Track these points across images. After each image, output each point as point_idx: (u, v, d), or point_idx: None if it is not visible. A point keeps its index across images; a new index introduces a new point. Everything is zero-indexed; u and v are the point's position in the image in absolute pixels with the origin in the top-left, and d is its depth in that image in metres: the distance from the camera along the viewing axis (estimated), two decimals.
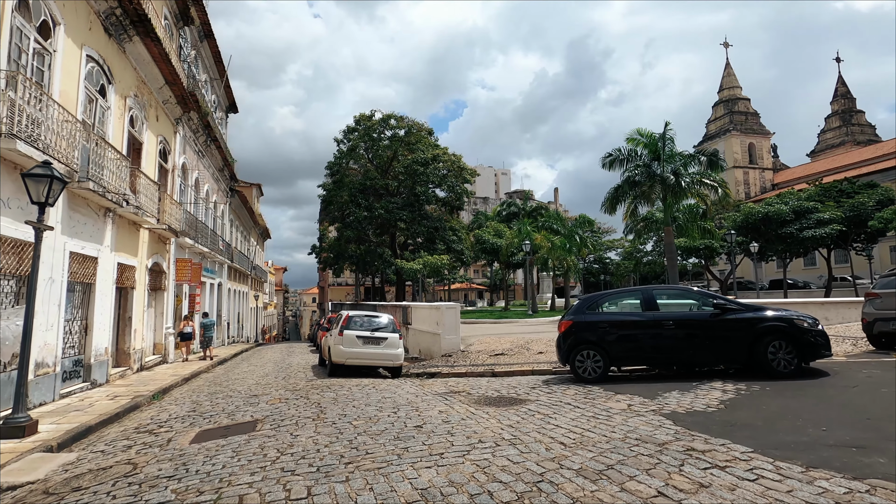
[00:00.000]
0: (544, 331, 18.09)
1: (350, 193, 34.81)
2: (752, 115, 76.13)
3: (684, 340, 7.66)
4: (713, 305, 7.66)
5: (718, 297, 7.97)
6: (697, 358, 7.78)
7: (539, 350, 12.56)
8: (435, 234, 36.64)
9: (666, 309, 8.04)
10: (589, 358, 8.07)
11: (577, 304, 8.57)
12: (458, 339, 13.59)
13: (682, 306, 8.32)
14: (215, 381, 11.80)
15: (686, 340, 7.65)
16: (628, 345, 7.91)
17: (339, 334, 11.12)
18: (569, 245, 29.81)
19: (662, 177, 20.45)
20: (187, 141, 19.08)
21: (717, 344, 7.56)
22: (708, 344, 7.58)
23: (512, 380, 9.48)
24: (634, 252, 65.42)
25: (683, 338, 7.65)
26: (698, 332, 7.63)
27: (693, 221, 24.67)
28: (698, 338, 7.63)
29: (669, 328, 7.67)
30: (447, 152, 37.83)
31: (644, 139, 21.73)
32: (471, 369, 11.12)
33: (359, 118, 37.15)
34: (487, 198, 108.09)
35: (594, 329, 8.10)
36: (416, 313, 16.36)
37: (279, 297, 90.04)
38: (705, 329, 7.58)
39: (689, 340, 7.64)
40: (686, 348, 7.66)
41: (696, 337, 7.63)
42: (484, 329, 19.86)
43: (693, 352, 7.66)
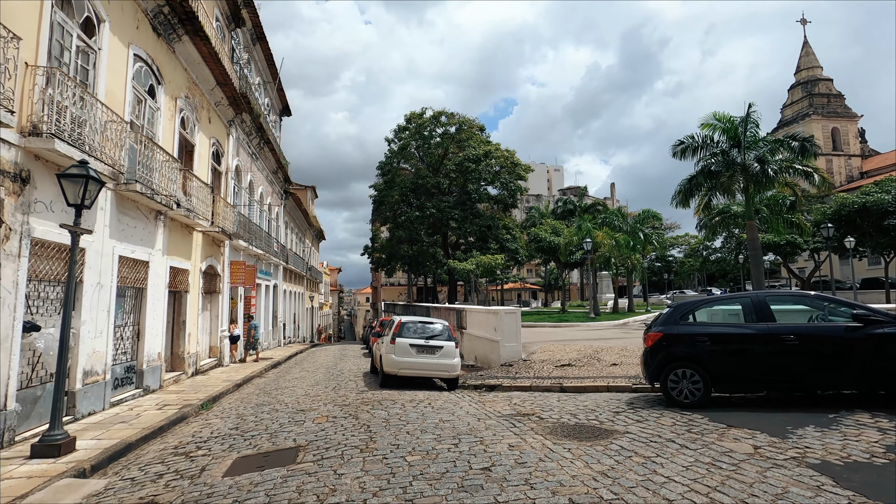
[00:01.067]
0: (611, 337, 16.56)
1: (401, 193, 34.35)
2: (836, 96, 69.17)
3: (813, 360, 6.16)
4: (852, 316, 6.09)
5: (858, 306, 6.38)
6: (829, 382, 6.25)
7: (612, 361, 11.19)
8: (488, 233, 35.49)
9: (782, 319, 6.55)
10: (685, 378, 6.72)
11: (668, 313, 7.22)
12: (518, 347, 12.45)
13: (800, 315, 6.79)
14: (265, 388, 11.33)
15: (815, 360, 6.14)
16: (736, 364, 6.50)
17: (391, 342, 10.30)
18: (633, 242, 27.75)
19: (745, 165, 18.25)
20: (240, 143, 19.07)
21: (861, 365, 6.00)
22: (847, 365, 6.04)
23: (586, 399, 8.25)
24: (700, 249, 61.21)
25: (812, 357, 6.15)
26: (832, 349, 6.10)
27: (778, 214, 22.09)
28: (832, 357, 6.10)
29: (791, 344, 6.19)
30: (499, 148, 36.58)
31: (722, 124, 19.54)
32: (535, 383, 9.97)
33: (410, 116, 36.66)
34: (540, 195, 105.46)
35: (692, 343, 6.74)
36: (472, 317, 15.35)
37: (334, 297, 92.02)
38: (843, 346, 6.04)
39: (820, 360, 6.13)
40: (815, 370, 6.16)
41: (830, 356, 6.11)
42: (543, 334, 18.56)
43: (824, 374, 6.15)
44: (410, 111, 37.00)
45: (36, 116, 6.82)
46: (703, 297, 7.05)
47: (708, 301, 7.18)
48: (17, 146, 6.61)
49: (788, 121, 68.88)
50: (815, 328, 6.32)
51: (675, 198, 21.58)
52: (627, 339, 15.78)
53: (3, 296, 6.34)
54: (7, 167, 6.45)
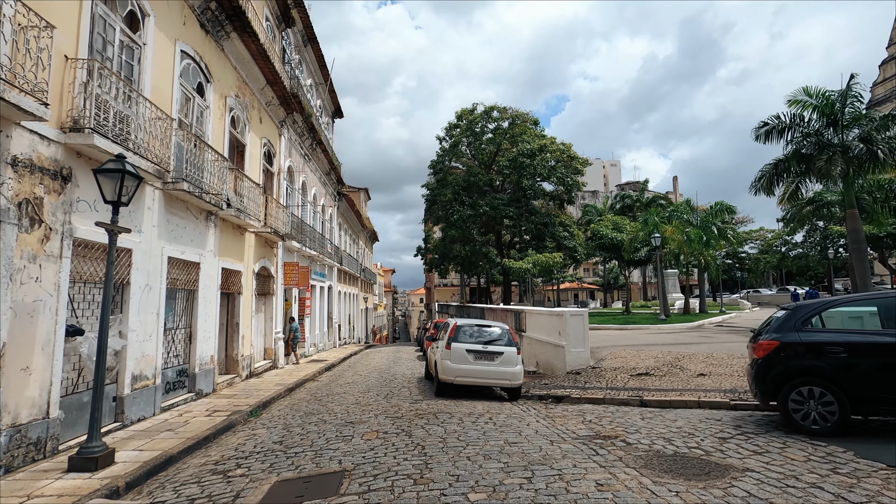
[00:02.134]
0: (689, 342, 14.90)
1: (453, 192, 33.61)
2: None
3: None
4: None
5: None
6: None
7: (698, 371, 9.77)
8: (544, 231, 34.01)
9: None
10: (813, 398, 5.39)
11: (784, 317, 5.87)
12: (586, 353, 11.25)
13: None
14: (316, 394, 10.83)
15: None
16: (885, 382, 5.09)
17: (446, 348, 9.46)
18: (705, 237, 25.41)
19: (844, 145, 15.93)
20: (292, 144, 19.00)
21: None
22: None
23: (676, 417, 7.01)
24: (779, 244, 56.17)
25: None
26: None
27: (884, 202, 19.33)
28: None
29: None
30: (555, 142, 34.99)
31: (814, 100, 17.25)
32: (609, 394, 8.79)
33: (461, 113, 35.88)
34: (597, 191, 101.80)
35: (820, 355, 5.41)
36: (532, 319, 14.25)
37: (388, 298, 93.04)
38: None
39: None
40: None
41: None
42: (609, 337, 17.10)
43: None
44: (462, 108, 36.25)
45: (77, 111, 6.55)
46: (829, 297, 5.64)
47: (837, 302, 5.75)
48: (57, 142, 6.34)
49: (881, 99, 61.97)
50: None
51: (756, 184, 19.38)
52: (709, 343, 14.10)
53: (43, 298, 6.07)
54: (46, 164, 6.18)
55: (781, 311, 6.14)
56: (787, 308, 6.02)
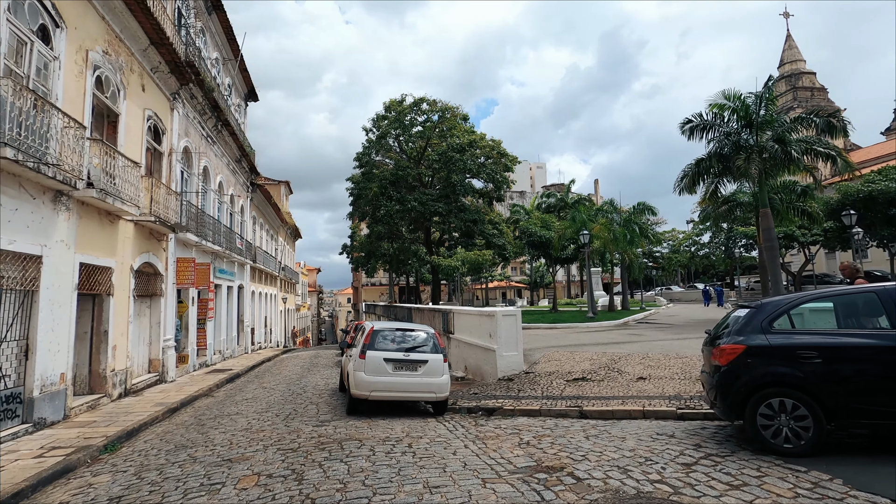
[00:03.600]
0: (620, 340, 14.51)
1: (380, 186, 31.91)
2: (819, 90, 68.85)
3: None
4: None
5: None
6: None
7: (636, 374, 9.07)
8: (473, 228, 33.29)
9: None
10: (785, 412, 4.59)
11: (748, 316, 5.07)
12: (520, 356, 10.26)
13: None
14: (202, 416, 8.91)
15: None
16: (867, 390, 4.38)
17: (360, 357, 7.98)
18: (629, 236, 25.87)
19: (760, 146, 16.39)
20: (191, 122, 16.49)
21: None
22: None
23: (623, 432, 6.09)
24: (688, 244, 60.09)
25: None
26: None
27: (790, 203, 20.40)
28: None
29: None
30: (484, 138, 34.40)
31: (732, 103, 17.69)
32: (546, 405, 7.79)
33: (389, 104, 34.22)
34: (524, 192, 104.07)
35: (792, 361, 4.63)
36: (461, 320, 13.12)
37: (313, 298, 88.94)
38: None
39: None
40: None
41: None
42: (541, 337, 16.44)
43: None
44: (390, 99, 34.61)
45: None
46: (798, 294, 4.88)
47: (808, 298, 5.04)
48: None
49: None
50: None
51: (679, 183, 19.72)
52: (640, 342, 13.75)
53: None
54: None
55: (742, 309, 5.35)
56: (749, 306, 5.24)
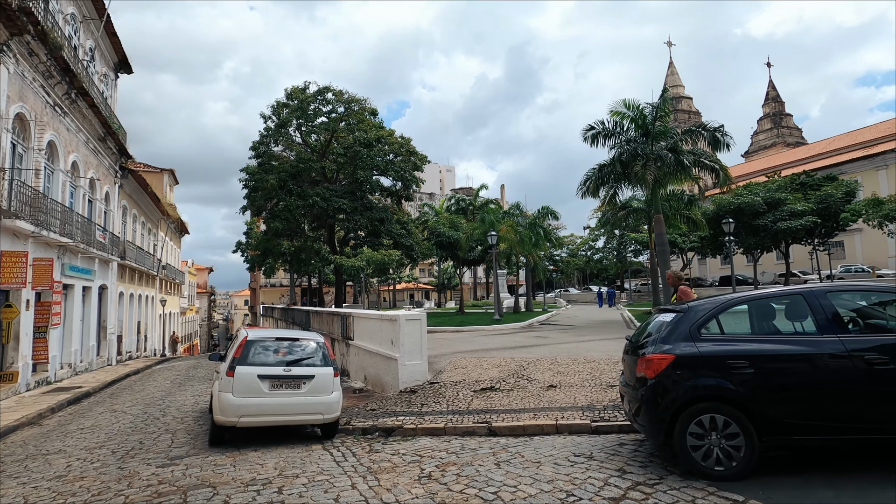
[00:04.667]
0: (527, 344, 14.19)
1: (279, 178, 29.35)
2: (695, 113, 77.42)
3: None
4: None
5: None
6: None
7: (546, 382, 8.51)
8: (380, 227, 31.94)
9: (856, 326, 4.22)
10: (716, 430, 4.06)
11: (675, 321, 4.52)
12: (424, 365, 9.29)
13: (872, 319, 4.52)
14: (11, 456, 6.75)
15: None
16: (802, 401, 3.98)
17: (227, 374, 6.47)
18: (534, 238, 26.29)
19: (658, 155, 17.17)
20: (28, 84, 13.39)
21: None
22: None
23: (537, 453, 5.35)
24: (585, 249, 63.97)
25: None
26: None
27: (677, 211, 21.84)
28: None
29: (888, 368, 3.81)
30: (393, 134, 33.25)
31: (631, 112, 18.42)
32: (452, 421, 6.90)
33: (291, 91, 31.66)
34: (433, 193, 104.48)
35: (724, 371, 4.12)
36: (361, 325, 11.87)
37: (203, 300, 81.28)
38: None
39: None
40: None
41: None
42: (447, 342, 15.69)
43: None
44: (292, 86, 32.07)
45: None
46: (727, 296, 4.38)
47: (737, 300, 4.60)
48: None
49: None
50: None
51: (582, 187, 20.23)
52: (547, 345, 13.50)
53: None
54: None
55: (666, 313, 4.83)
56: (675, 310, 4.72)
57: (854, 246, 45.57)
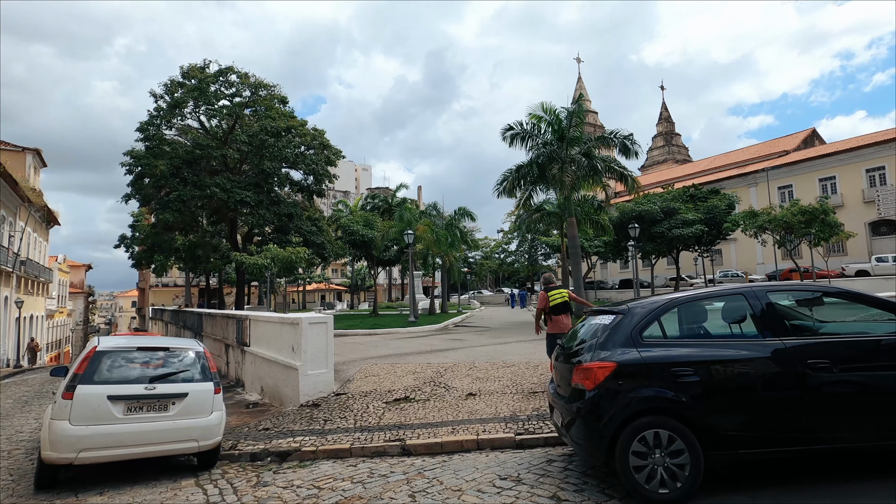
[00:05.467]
0: (444, 347, 13.56)
1: (171, 164, 26.17)
2: (600, 127, 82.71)
3: (879, 395, 3.63)
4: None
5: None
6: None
7: (466, 390, 7.87)
8: (288, 223, 29.84)
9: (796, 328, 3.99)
10: (660, 447, 3.59)
11: (612, 325, 4.03)
12: (329, 374, 8.22)
13: (818, 321, 4.35)
14: None
15: (868, 398, 3.62)
16: (746, 411, 3.64)
17: (64, 396, 4.99)
18: (451, 239, 25.94)
19: (573, 158, 17.48)
20: None
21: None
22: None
23: (457, 476, 4.64)
24: (499, 252, 65.55)
25: (878, 389, 3.63)
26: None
27: (587, 215, 22.60)
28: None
29: (831, 373, 3.58)
30: (306, 125, 31.29)
31: (548, 116, 18.64)
32: (360, 440, 5.99)
33: (188, 70, 28.44)
34: (348, 192, 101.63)
35: (668, 380, 3.67)
36: (259, 329, 10.48)
37: (79, 301, 71.54)
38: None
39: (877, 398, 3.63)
40: (885, 410, 3.62)
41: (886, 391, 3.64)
42: (358, 346, 14.62)
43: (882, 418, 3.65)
44: (189, 63, 28.86)
45: None
46: (669, 296, 3.94)
47: (681, 300, 4.18)
48: None
49: None
50: (863, 344, 3.80)
51: (499, 187, 20.16)
52: (464, 349, 12.96)
53: None
54: None
55: (603, 315, 4.34)
56: (613, 311, 4.24)
57: (730, 253, 51.17)
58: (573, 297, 7.77)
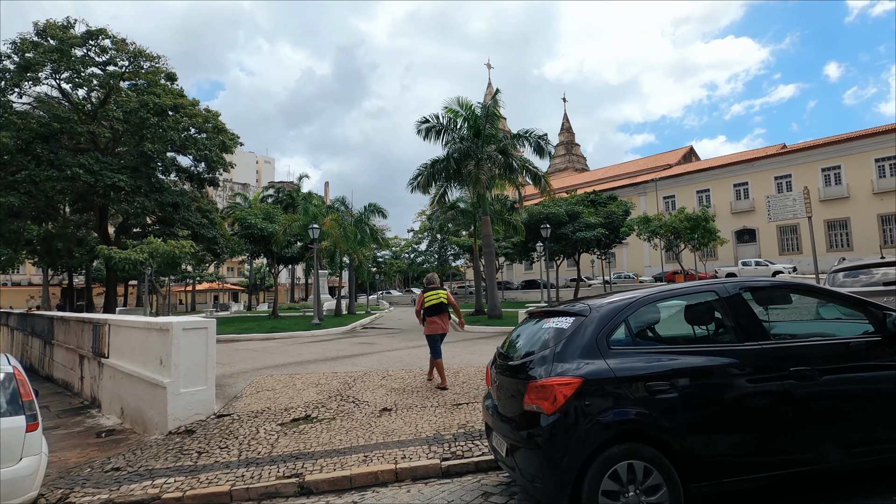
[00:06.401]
0: (352, 353, 12.30)
1: (18, 137, 21.70)
2: (508, 132, 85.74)
3: (858, 405, 3.20)
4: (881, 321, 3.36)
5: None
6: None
7: (379, 404, 6.81)
8: (174, 214, 26.36)
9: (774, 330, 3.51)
10: (634, 483, 2.87)
11: (573, 330, 3.25)
12: (209, 392, 6.69)
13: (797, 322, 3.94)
14: None
15: (864, 405, 3.20)
16: (729, 430, 3.04)
17: None
18: (360, 235, 24.50)
19: (489, 155, 17.10)
20: None
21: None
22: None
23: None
24: (409, 252, 64.75)
25: (855, 399, 3.19)
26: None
27: (500, 215, 22.52)
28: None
29: (816, 381, 3.11)
30: (197, 105, 27.93)
31: (464, 112, 18.13)
32: (243, 479, 4.71)
33: (45, 27, 23.85)
34: (248, 184, 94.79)
35: (643, 396, 2.97)
36: (121, 337, 8.49)
37: None
38: None
39: (870, 404, 3.21)
40: (871, 423, 3.20)
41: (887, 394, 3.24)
42: (253, 353, 12.87)
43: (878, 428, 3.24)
44: (47, 20, 24.22)
45: None
46: (635, 294, 3.22)
47: (651, 297, 3.45)
48: None
49: None
50: (840, 346, 3.38)
51: (413, 182, 19.29)
52: (376, 353, 11.82)
53: None
54: None
55: (559, 317, 3.56)
56: (571, 312, 3.46)
57: (622, 256, 55.25)
58: (451, 300, 7.68)
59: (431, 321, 7.52)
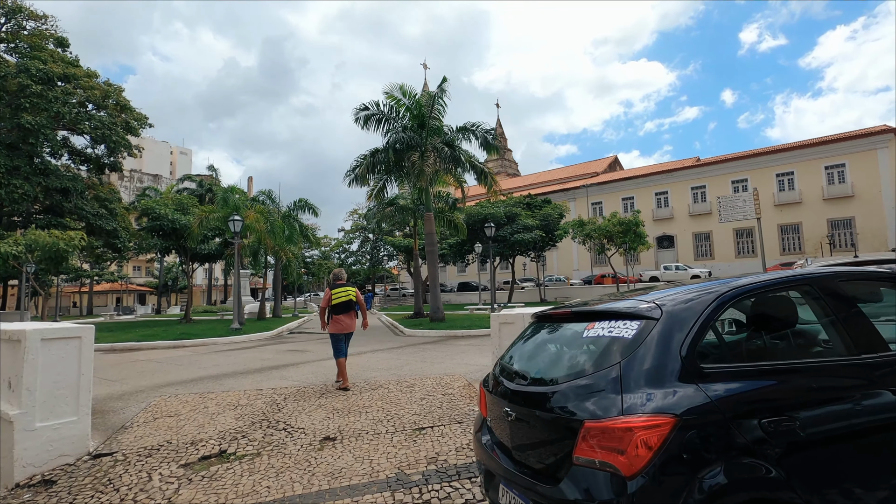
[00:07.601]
0: (282, 361, 10.61)
1: None
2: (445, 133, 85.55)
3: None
4: None
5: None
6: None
7: (320, 432, 5.40)
8: (63, 202, 22.66)
9: None
10: None
11: (634, 340, 2.18)
12: (83, 424, 4.93)
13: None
14: None
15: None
16: (849, 476, 2.10)
17: None
18: (288, 231, 22.34)
19: (435, 147, 16.00)
20: None
21: None
22: None
23: None
24: (339, 252, 62.05)
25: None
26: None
27: (442, 213, 21.53)
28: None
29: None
30: (94, 77, 24.31)
31: (407, 100, 16.91)
32: None
33: None
34: (160, 176, 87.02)
35: (759, 438, 1.95)
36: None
37: None
38: None
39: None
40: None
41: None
42: (156, 365, 10.78)
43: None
44: None
45: None
46: (721, 282, 2.18)
47: (745, 287, 2.40)
48: None
49: None
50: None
51: (351, 174, 17.76)
52: (307, 362, 10.23)
53: None
54: None
55: (606, 320, 2.46)
56: (628, 314, 2.38)
57: (553, 260, 56.56)
58: (359, 298, 7.34)
59: (337, 319, 7.16)
